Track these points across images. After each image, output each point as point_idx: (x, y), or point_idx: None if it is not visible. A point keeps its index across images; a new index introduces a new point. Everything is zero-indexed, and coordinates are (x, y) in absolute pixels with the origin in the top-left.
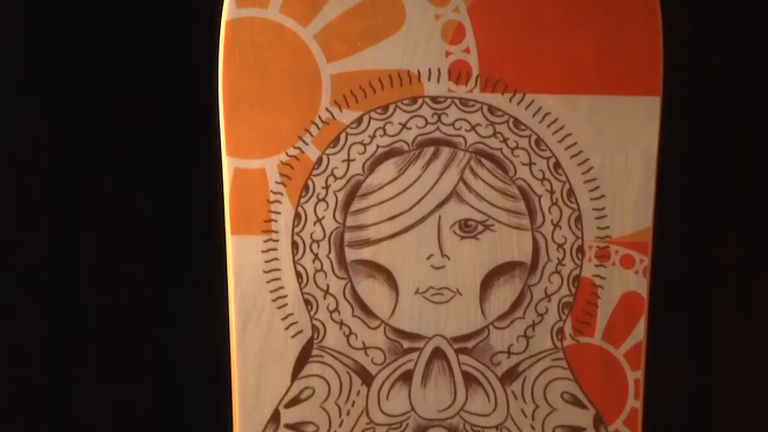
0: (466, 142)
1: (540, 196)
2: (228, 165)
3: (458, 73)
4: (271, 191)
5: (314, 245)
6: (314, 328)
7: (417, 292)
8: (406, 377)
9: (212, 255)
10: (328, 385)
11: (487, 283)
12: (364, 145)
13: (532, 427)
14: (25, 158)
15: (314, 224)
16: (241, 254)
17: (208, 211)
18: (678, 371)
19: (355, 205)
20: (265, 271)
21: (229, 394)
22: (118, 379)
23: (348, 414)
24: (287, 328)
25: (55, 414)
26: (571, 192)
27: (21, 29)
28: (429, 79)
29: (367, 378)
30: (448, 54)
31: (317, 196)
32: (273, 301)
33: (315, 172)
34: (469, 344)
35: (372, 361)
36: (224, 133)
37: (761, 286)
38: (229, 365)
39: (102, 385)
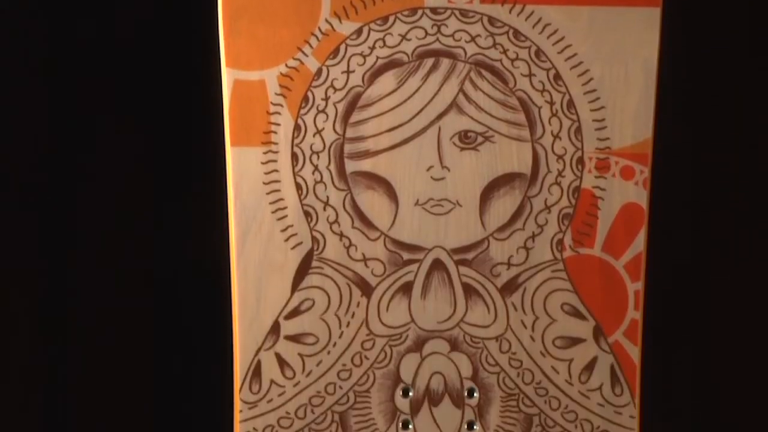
0: (465, 53)
1: (540, 108)
2: (227, 77)
3: None
4: (271, 103)
5: (314, 157)
6: (314, 239)
7: (417, 203)
8: (406, 289)
9: (212, 167)
10: (328, 297)
11: (487, 194)
12: (364, 57)
13: (532, 339)
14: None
15: (314, 136)
16: (240, 166)
17: (208, 123)
18: (678, 282)
19: (355, 117)
20: (264, 183)
21: (229, 306)
22: (118, 292)
23: (348, 325)
24: (287, 240)
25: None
26: (570, 103)
27: None
28: None
29: (366, 289)
30: None
31: (317, 108)
32: (273, 212)
33: (314, 83)
34: (469, 256)
35: (372, 272)
36: (224, 45)
37: (761, 198)
38: (230, 278)
39: (101, 297)
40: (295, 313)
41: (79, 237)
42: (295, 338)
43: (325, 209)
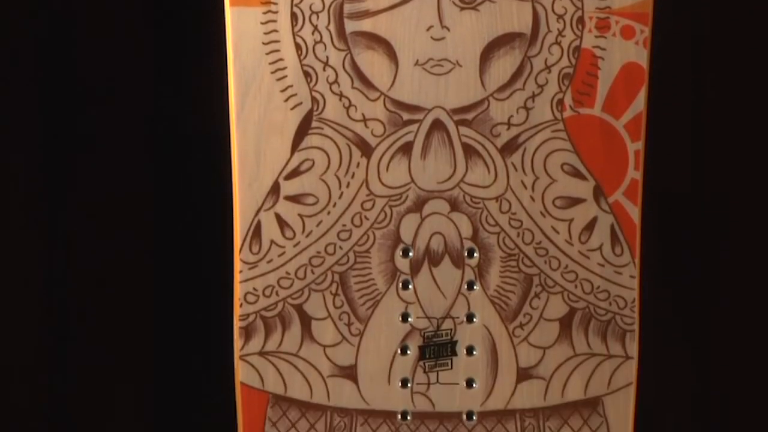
0: None
1: None
2: None
3: None
4: None
5: (313, 17)
6: (314, 100)
7: (416, 63)
8: (406, 149)
9: (211, 29)
10: (328, 157)
11: (487, 54)
12: None
13: (532, 199)
14: None
15: None
16: (240, 26)
17: None
18: (677, 142)
19: None
20: (264, 43)
21: (229, 167)
22: (117, 159)
23: (348, 186)
24: (286, 100)
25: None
26: None
27: None
28: None
29: (366, 150)
30: None
31: None
32: (272, 73)
33: None
34: (469, 116)
35: (371, 132)
36: None
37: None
38: (229, 139)
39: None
40: (295, 173)
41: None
42: (295, 198)
43: (324, 69)
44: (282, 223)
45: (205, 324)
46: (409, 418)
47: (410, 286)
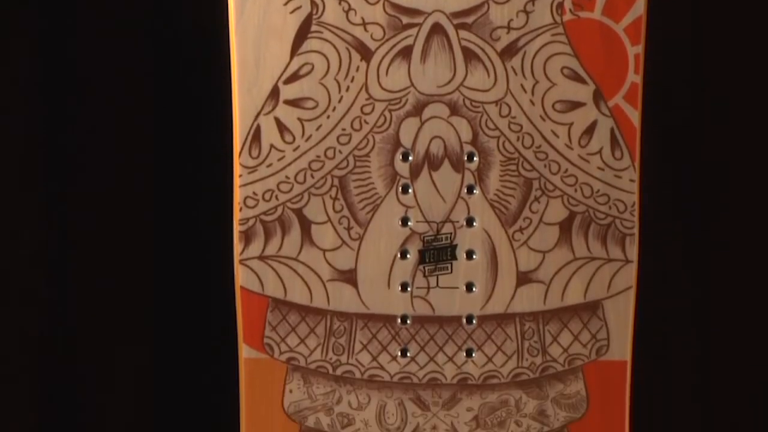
0: None
1: None
2: None
3: None
4: None
5: None
6: (313, 3)
7: None
8: (405, 53)
9: None
10: (327, 61)
11: None
12: None
13: (532, 102)
14: None
15: None
16: None
17: None
18: (677, 49)
19: None
20: None
21: (228, 72)
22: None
23: (347, 90)
24: (286, 4)
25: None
26: None
27: None
28: None
29: (366, 53)
30: None
31: None
32: None
33: None
34: (469, 19)
35: (371, 36)
36: None
37: None
38: (229, 43)
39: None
40: (295, 77)
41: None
42: (294, 103)
43: None
44: (281, 127)
45: (204, 229)
46: (408, 322)
47: (410, 191)
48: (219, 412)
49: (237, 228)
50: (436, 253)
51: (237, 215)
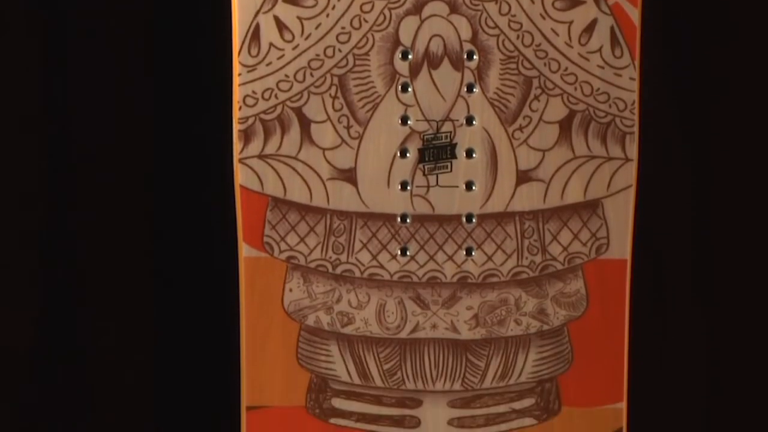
0: None
1: None
2: None
3: None
4: None
5: None
6: None
7: None
8: None
9: None
10: None
11: None
12: None
13: (532, 1)
14: None
15: None
16: None
17: None
18: None
19: None
20: None
21: None
22: None
23: None
24: None
25: None
26: None
27: None
28: None
29: None
30: None
31: None
32: None
33: None
34: None
35: None
36: None
37: None
38: None
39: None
40: None
41: None
42: (293, 1)
43: None
44: (281, 25)
45: (203, 128)
46: (408, 221)
47: (409, 89)
48: (220, 311)
49: (236, 127)
50: (436, 152)
51: (236, 114)
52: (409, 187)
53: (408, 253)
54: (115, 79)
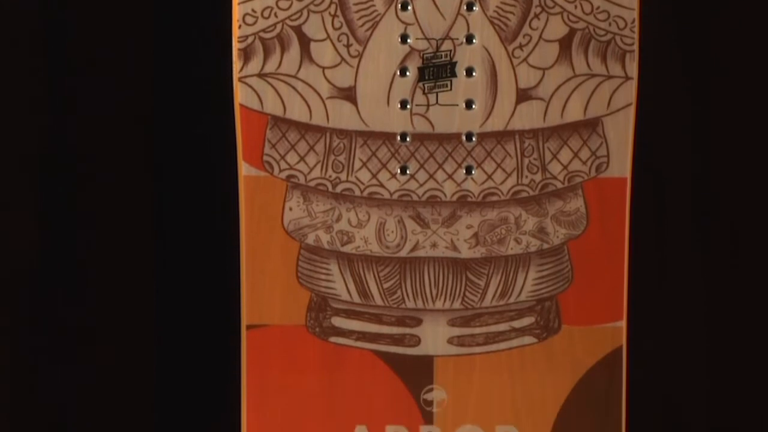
0: None
1: None
2: None
3: None
4: None
5: None
6: None
7: None
8: None
9: None
10: None
11: None
12: None
13: None
14: None
15: None
16: None
17: None
18: None
19: None
20: None
21: None
22: None
23: None
24: None
25: None
26: None
27: None
28: None
29: None
30: None
31: None
32: None
33: None
34: None
35: None
36: None
37: None
38: None
39: None
40: None
41: None
42: None
43: None
44: None
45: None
46: (408, 139)
47: (409, 7)
48: (221, 230)
49: (236, 45)
50: (436, 70)
51: (236, 32)
52: (408, 106)
53: (408, 172)
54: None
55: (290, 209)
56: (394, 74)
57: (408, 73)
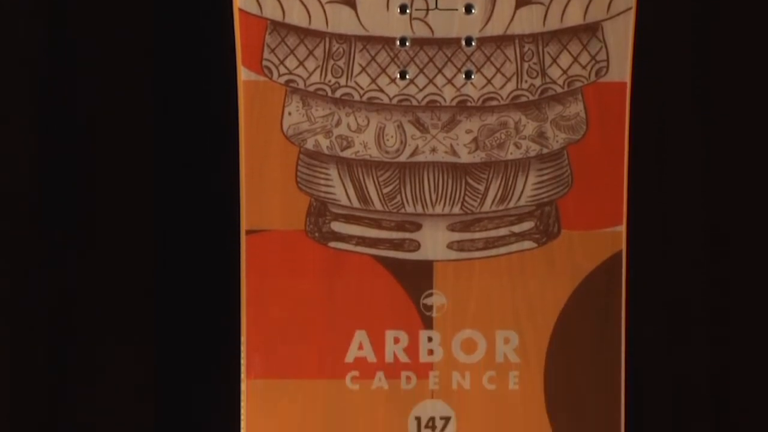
0: None
1: None
2: None
3: None
4: None
5: None
6: None
7: None
8: None
9: None
10: None
11: None
12: None
13: None
14: None
15: None
16: None
17: None
18: None
19: None
20: None
21: None
22: None
23: None
24: None
25: None
26: None
27: None
28: None
29: None
30: None
31: None
32: None
33: None
34: None
35: None
36: None
37: None
38: None
39: None
40: None
41: None
42: None
43: None
44: None
45: None
46: (407, 44)
47: None
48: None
49: None
50: None
51: None
52: (408, 10)
53: (407, 77)
54: None
55: (289, 114)
56: None
57: None
